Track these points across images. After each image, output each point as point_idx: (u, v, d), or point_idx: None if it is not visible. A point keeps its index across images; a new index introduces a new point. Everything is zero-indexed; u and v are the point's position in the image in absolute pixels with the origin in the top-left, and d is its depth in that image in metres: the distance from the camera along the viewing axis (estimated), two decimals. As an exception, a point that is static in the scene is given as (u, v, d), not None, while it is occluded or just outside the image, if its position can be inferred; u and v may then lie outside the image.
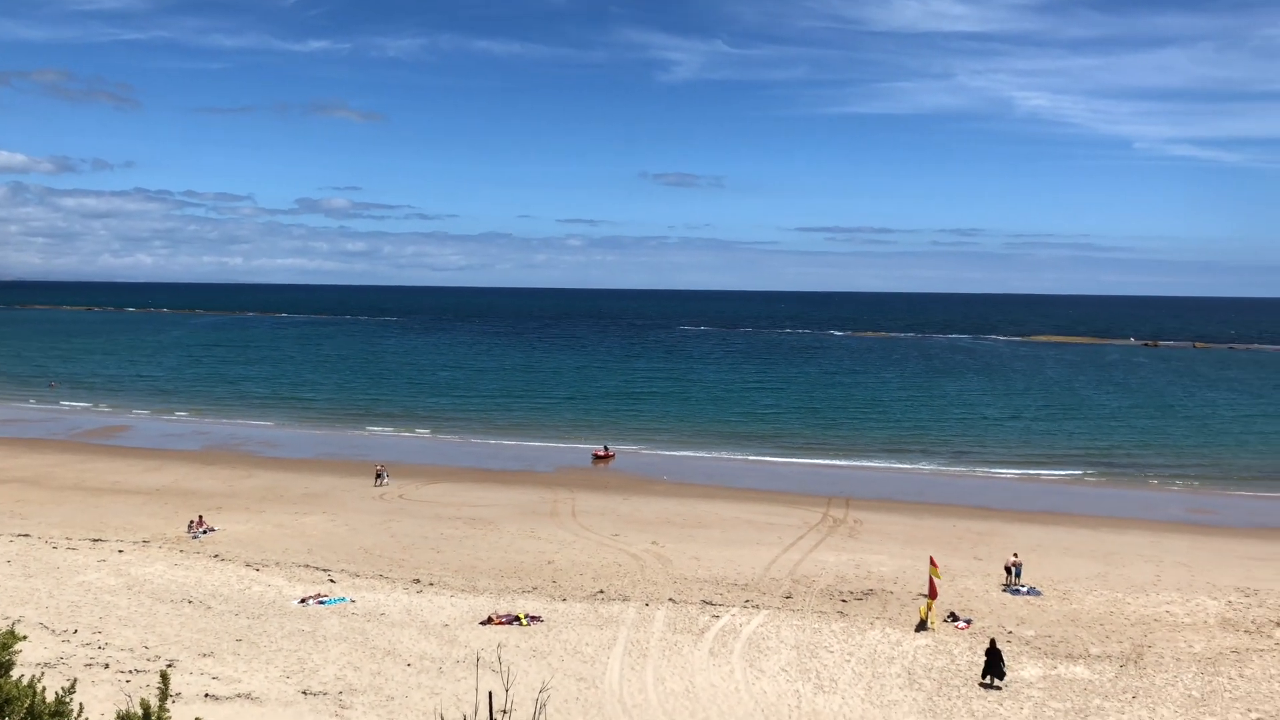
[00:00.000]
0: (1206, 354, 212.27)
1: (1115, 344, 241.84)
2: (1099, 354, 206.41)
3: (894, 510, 59.23)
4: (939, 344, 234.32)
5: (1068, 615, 38.46)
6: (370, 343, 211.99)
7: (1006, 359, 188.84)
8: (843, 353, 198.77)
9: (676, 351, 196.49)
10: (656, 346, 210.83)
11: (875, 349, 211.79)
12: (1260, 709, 29.08)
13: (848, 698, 29.66)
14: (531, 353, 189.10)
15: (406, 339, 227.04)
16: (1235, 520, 59.17)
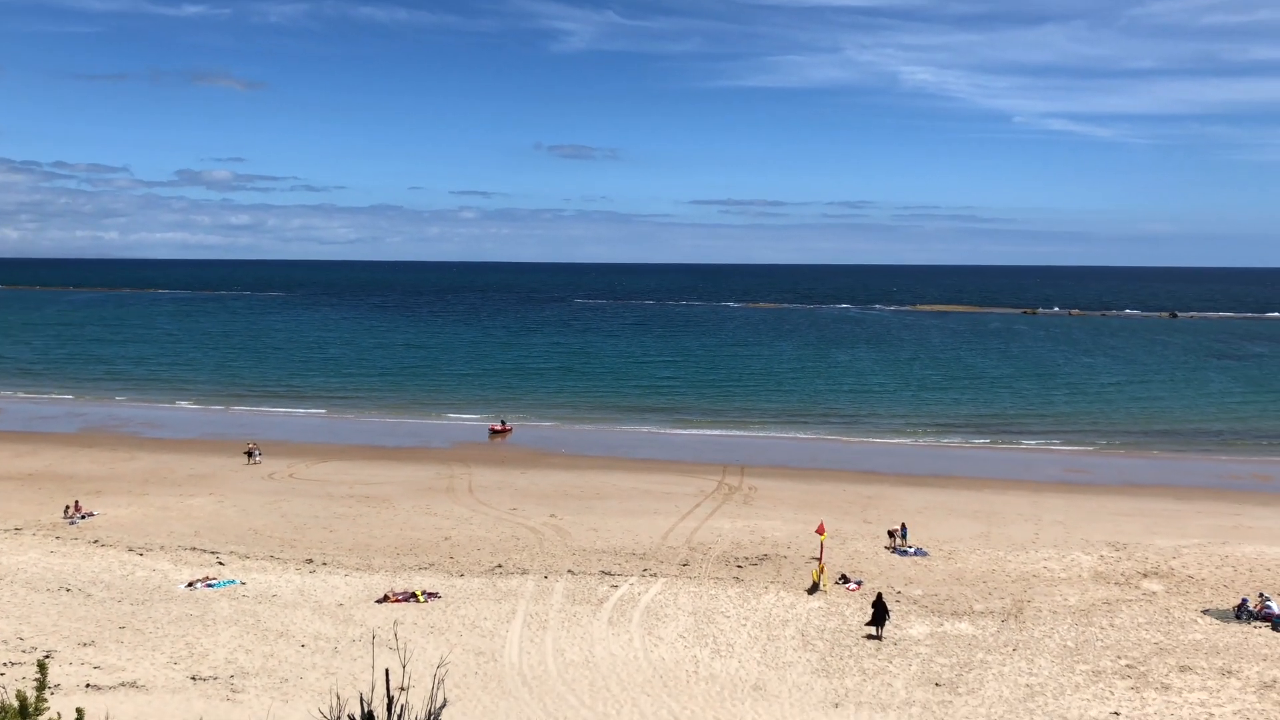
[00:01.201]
0: (1082, 321, 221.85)
1: (996, 312, 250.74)
2: (981, 322, 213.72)
3: (787, 477, 60.44)
4: (830, 314, 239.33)
5: (953, 574, 39.94)
6: (255, 319, 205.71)
7: (894, 328, 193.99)
8: (738, 324, 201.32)
9: (573, 325, 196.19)
10: (553, 320, 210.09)
11: (769, 320, 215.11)
12: (1128, 655, 30.75)
13: (744, 661, 30.27)
14: (425, 328, 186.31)
15: (294, 315, 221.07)
16: (1107, 479, 62.16)
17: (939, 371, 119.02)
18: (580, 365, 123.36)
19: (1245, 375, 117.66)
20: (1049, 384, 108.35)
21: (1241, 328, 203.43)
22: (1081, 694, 27.81)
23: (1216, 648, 31.58)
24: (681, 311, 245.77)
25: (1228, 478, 63.16)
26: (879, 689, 28.31)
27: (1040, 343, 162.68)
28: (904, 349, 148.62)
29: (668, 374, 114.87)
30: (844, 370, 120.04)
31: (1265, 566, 40.89)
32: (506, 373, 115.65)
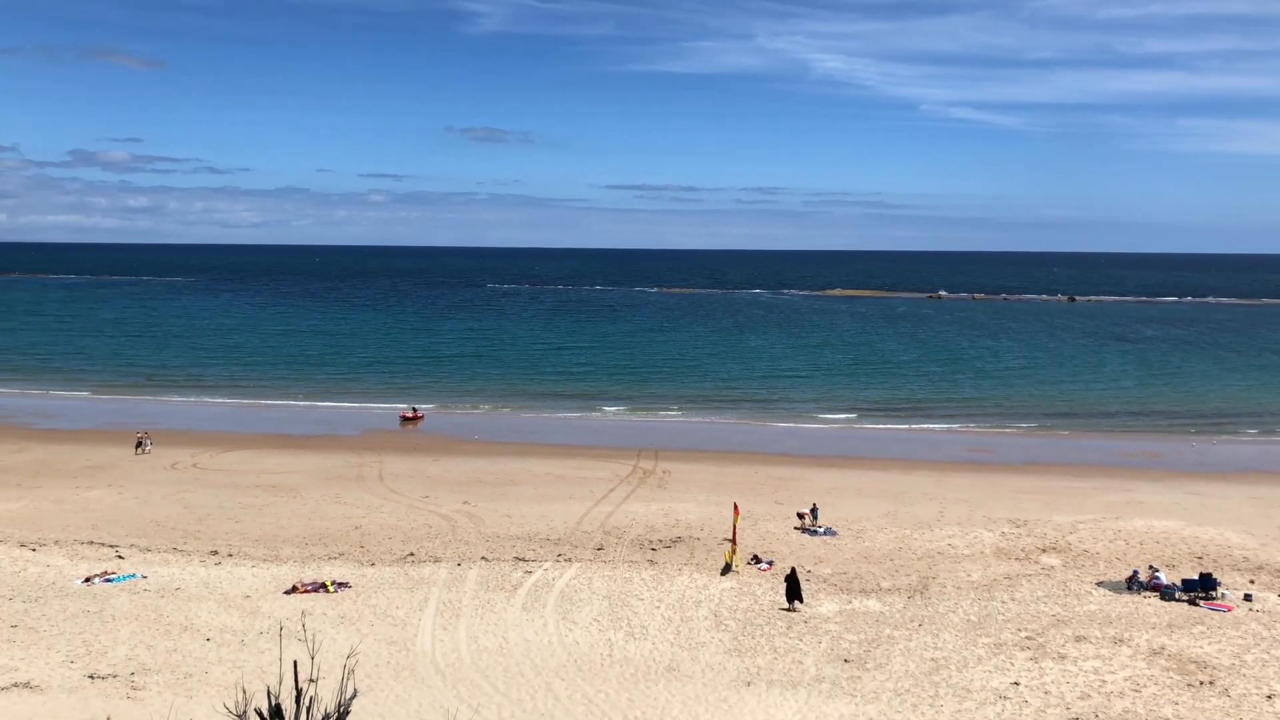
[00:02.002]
0: (985, 305, 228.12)
1: (904, 296, 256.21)
2: (889, 306, 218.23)
3: (701, 460, 60.95)
4: (743, 299, 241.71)
5: (861, 553, 40.78)
6: (154, 306, 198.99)
7: (804, 312, 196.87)
8: (653, 309, 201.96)
9: (487, 310, 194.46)
10: (466, 306, 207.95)
11: (684, 305, 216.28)
12: (1028, 627, 31.81)
13: (658, 643, 30.48)
14: (333, 313, 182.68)
15: (196, 301, 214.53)
16: (1009, 458, 64.09)
17: (849, 355, 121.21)
18: (494, 351, 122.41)
19: (1139, 357, 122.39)
20: (954, 367, 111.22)
21: (1136, 311, 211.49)
22: (984, 666, 28.67)
23: (1110, 618, 32.86)
24: (597, 297, 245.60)
25: (1122, 455, 65.67)
26: (790, 666, 28.78)
27: (946, 326, 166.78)
28: (815, 333, 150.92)
29: (583, 360, 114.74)
30: (757, 354, 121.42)
31: (1155, 540, 42.66)
32: (418, 359, 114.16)
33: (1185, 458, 64.93)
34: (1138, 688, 27.17)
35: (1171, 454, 66.29)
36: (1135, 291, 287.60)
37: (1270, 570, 38.54)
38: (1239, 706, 25.98)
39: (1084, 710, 25.74)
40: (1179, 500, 51.10)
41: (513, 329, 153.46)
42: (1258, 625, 32.09)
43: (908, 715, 25.49)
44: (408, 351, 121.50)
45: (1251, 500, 51.29)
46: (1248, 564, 39.32)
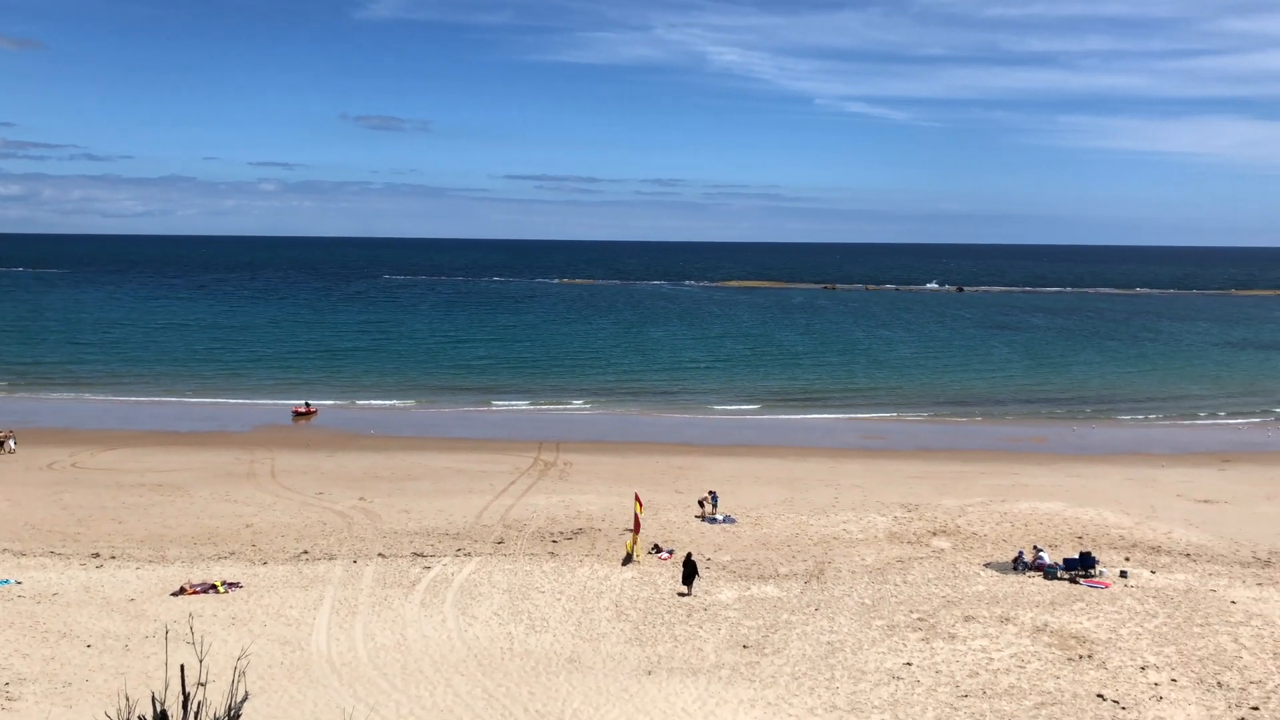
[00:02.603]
0: (878, 295, 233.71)
1: (800, 287, 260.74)
2: (786, 297, 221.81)
3: (602, 451, 61.00)
4: (644, 290, 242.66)
5: (759, 539, 41.37)
6: (27, 298, 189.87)
7: (704, 304, 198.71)
8: (554, 301, 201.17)
9: (383, 302, 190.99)
10: (361, 298, 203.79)
11: (585, 296, 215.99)
12: (920, 609, 32.72)
13: (559, 635, 30.40)
14: (221, 306, 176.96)
15: (73, 293, 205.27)
16: (902, 444, 65.83)
17: (748, 346, 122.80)
18: (390, 344, 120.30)
19: (1024, 345, 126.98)
20: (849, 357, 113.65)
21: (1022, 301, 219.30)
22: (878, 648, 29.38)
23: (996, 597, 34.02)
24: (496, 288, 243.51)
25: (1008, 440, 68.07)
26: (690, 654, 29.03)
27: (841, 317, 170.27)
28: (715, 324, 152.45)
29: (482, 352, 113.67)
30: (658, 346, 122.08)
31: (1039, 521, 44.32)
32: (311, 353, 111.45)
33: (1067, 441, 67.62)
34: (1022, 664, 28.19)
35: (1055, 438, 68.99)
36: (1021, 282, 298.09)
37: (1144, 548, 40.42)
38: (1115, 678, 27.17)
39: (973, 687, 26.59)
40: (1061, 482, 53.19)
41: (410, 321, 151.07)
42: (1132, 600, 33.61)
43: (805, 698, 25.96)
44: (300, 345, 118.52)
45: (1127, 481, 53.71)
46: (1124, 542, 41.15)
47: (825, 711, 25.18)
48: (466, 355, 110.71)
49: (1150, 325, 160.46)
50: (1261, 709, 25.21)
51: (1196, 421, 76.74)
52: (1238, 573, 37.01)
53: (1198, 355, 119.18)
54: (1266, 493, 51.02)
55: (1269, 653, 28.90)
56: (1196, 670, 27.66)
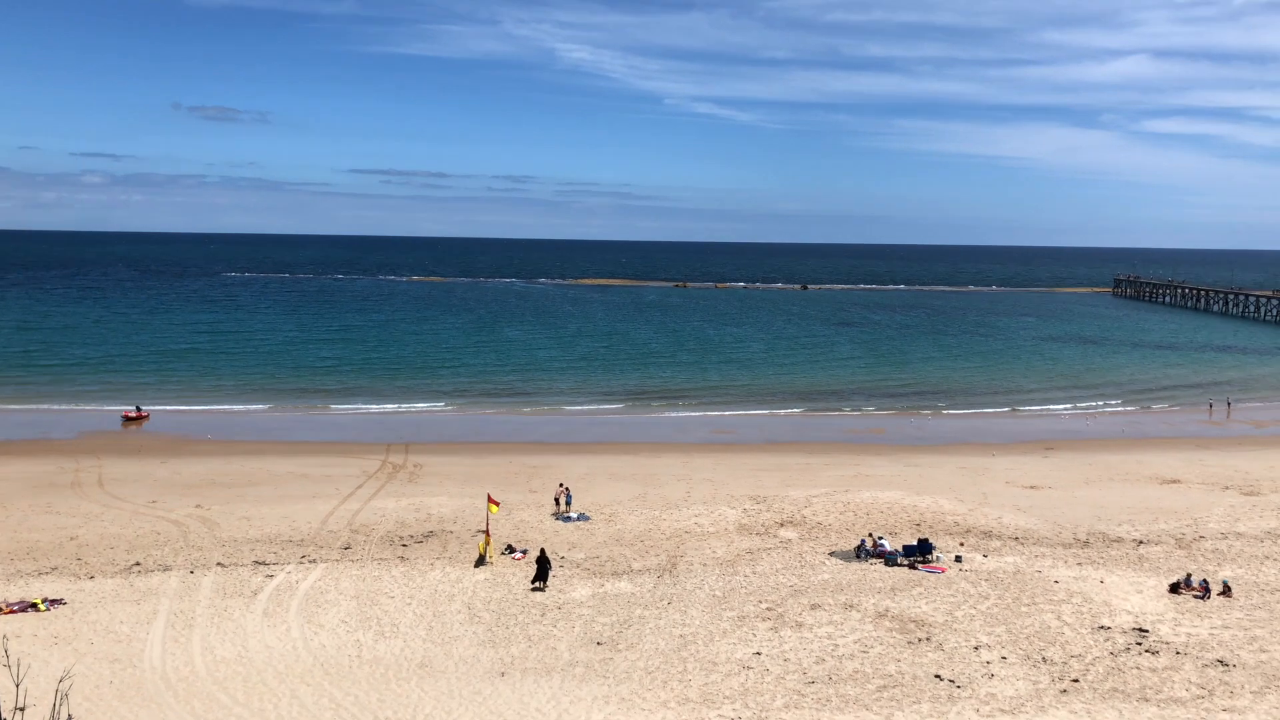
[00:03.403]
0: (728, 293, 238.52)
1: (653, 285, 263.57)
2: (639, 295, 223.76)
3: (454, 452, 60.11)
4: (496, 288, 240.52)
5: (613, 536, 41.55)
6: None
7: (558, 302, 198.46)
8: (403, 299, 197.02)
9: (220, 301, 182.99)
10: (197, 296, 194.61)
11: (435, 295, 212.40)
12: (768, 599, 33.50)
13: (409, 640, 29.77)
14: (42, 307, 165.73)
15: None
16: (750, 438, 67.30)
17: (602, 344, 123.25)
18: (229, 345, 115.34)
19: (866, 341, 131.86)
20: (701, 353, 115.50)
21: (863, 298, 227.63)
22: (729, 638, 29.92)
23: (841, 585, 35.16)
24: (341, 286, 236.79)
25: (850, 432, 70.52)
26: (544, 654, 28.89)
27: (693, 314, 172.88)
28: (569, 322, 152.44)
29: (327, 353, 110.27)
30: (512, 345, 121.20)
31: (880, 510, 46.03)
32: (142, 355, 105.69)
33: (906, 433, 70.53)
34: (866, 649, 29.21)
35: (894, 430, 71.85)
36: (862, 280, 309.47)
37: (977, 533, 42.50)
38: (951, 659, 28.47)
39: (819, 674, 27.38)
40: (900, 472, 55.42)
41: (250, 321, 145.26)
42: (966, 584, 35.30)
43: (658, 692, 26.19)
44: (130, 347, 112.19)
45: (961, 469, 56.39)
46: (958, 528, 43.18)
47: (678, 704, 25.48)
48: (310, 356, 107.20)
49: (981, 321, 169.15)
50: (1081, 681, 26.86)
51: (1023, 411, 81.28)
52: (1060, 554, 39.35)
53: (1024, 349, 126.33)
54: (1085, 477, 54.43)
55: (1088, 628, 30.83)
56: (1024, 648, 29.25)
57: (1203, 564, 37.75)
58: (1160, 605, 32.99)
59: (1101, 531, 42.77)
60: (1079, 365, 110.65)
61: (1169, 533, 42.63)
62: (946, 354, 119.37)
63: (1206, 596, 33.69)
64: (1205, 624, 31.20)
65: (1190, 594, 33.98)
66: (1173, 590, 34.32)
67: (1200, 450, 63.26)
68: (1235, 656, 28.49)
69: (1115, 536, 42.04)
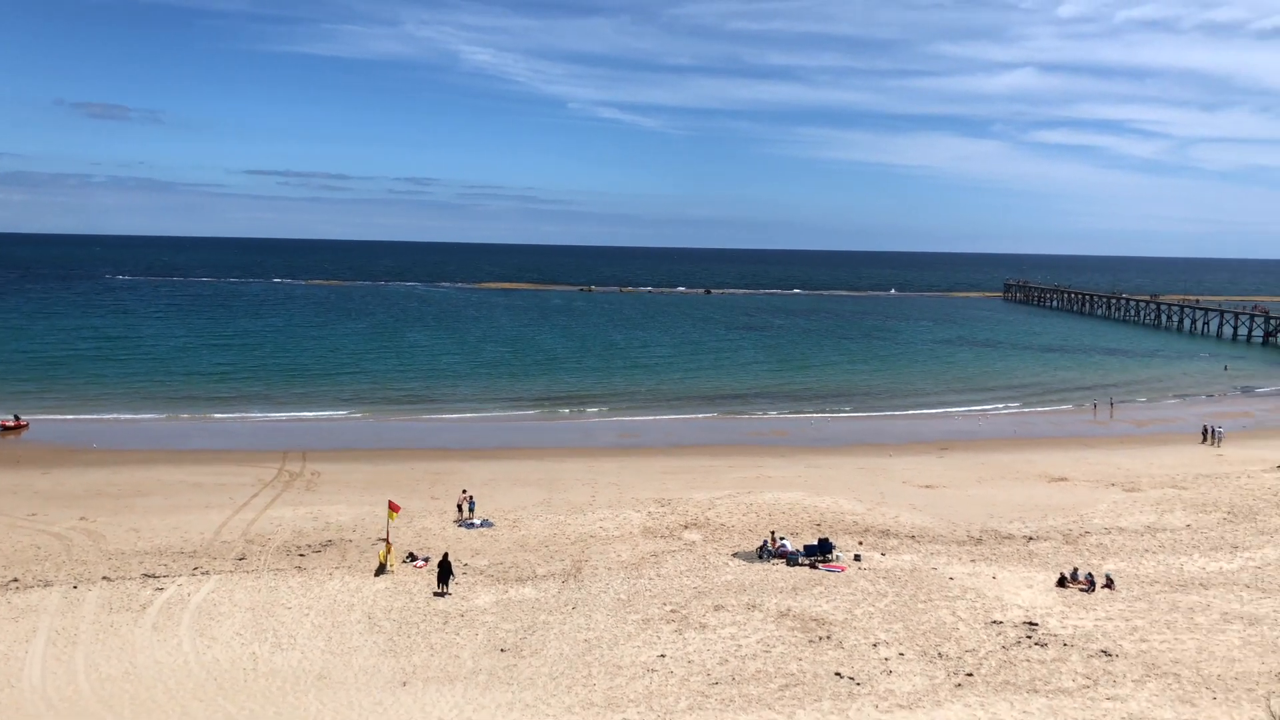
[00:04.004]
0: (634, 298, 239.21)
1: (558, 289, 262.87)
2: (544, 299, 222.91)
3: (354, 459, 58.94)
4: (398, 292, 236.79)
5: (517, 542, 41.24)
6: None
7: (461, 306, 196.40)
8: (301, 303, 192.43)
9: (107, 306, 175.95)
10: (81, 301, 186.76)
11: (334, 299, 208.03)
12: (672, 601, 33.65)
13: (307, 651, 29.05)
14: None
15: None
16: (655, 441, 67.55)
17: (508, 349, 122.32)
18: (116, 352, 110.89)
19: (769, 345, 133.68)
20: (607, 358, 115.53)
21: (766, 302, 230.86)
22: (633, 642, 29.96)
23: (744, 585, 35.53)
24: (236, 289, 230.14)
25: (754, 435, 71.37)
26: (447, 662, 28.50)
27: (599, 319, 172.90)
28: (473, 327, 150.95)
29: (222, 359, 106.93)
30: (415, 350, 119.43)
31: (781, 510, 46.67)
32: (20, 362, 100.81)
33: (807, 435, 71.68)
34: (768, 648, 29.56)
35: (796, 431, 72.97)
36: (764, 285, 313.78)
37: (875, 532, 43.42)
38: (851, 656, 29.01)
39: (722, 674, 27.60)
40: (801, 473, 56.30)
41: (139, 326, 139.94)
42: (865, 582, 36.03)
43: (562, 697, 26.07)
44: (7, 353, 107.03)
45: (859, 470, 57.56)
46: (857, 527, 44.05)
47: (583, 709, 25.40)
48: (203, 362, 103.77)
49: (880, 325, 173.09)
50: (975, 675, 27.64)
51: (920, 413, 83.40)
52: (955, 551, 40.46)
53: (922, 352, 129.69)
54: (978, 476, 56.11)
55: (981, 623, 31.76)
56: (921, 644, 29.97)
57: (1088, 558, 39.25)
58: (1049, 599, 34.18)
59: (993, 529, 44.12)
60: (973, 368, 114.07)
61: (1057, 529, 44.21)
62: (847, 357, 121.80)
63: (1091, 590, 35.03)
64: (1090, 616, 32.42)
65: (1076, 588, 35.28)
66: (1060, 584, 35.59)
67: (1086, 449, 65.79)
68: (1118, 647, 29.67)
69: (1006, 533, 43.43)
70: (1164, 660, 28.60)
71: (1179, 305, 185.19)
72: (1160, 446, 66.87)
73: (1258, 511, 47.34)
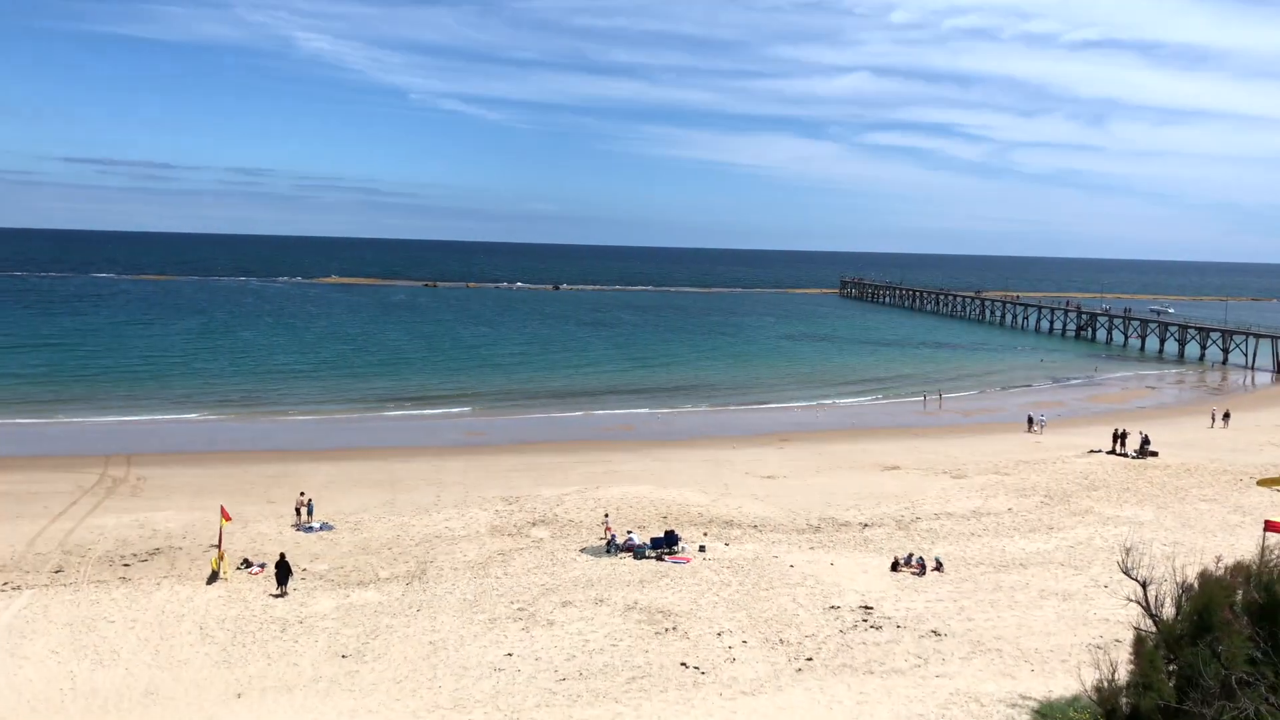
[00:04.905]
0: (479, 293, 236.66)
1: (401, 285, 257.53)
2: (386, 295, 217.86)
3: (183, 463, 56.20)
4: (229, 288, 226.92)
5: (359, 545, 40.16)
6: None
7: (299, 302, 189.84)
8: (125, 300, 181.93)
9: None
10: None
11: (161, 294, 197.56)
12: (520, 599, 33.44)
13: (132, 666, 27.49)
14: None
15: None
16: (502, 439, 67.02)
17: (348, 346, 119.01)
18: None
19: (617, 341, 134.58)
20: (452, 355, 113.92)
21: (614, 298, 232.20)
22: (480, 641, 29.61)
23: (591, 581, 35.63)
24: (53, 286, 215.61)
25: (602, 430, 71.72)
26: (284, 671, 27.48)
27: (445, 315, 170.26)
28: (312, 324, 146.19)
29: (37, 360, 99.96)
30: (249, 348, 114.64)
31: (629, 504, 47.02)
32: None
33: (654, 429, 72.52)
34: (615, 642, 29.73)
35: (643, 426, 73.72)
36: (611, 281, 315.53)
37: (719, 523, 44.29)
38: (696, 646, 29.50)
39: (570, 670, 27.60)
40: (648, 467, 56.91)
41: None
42: (710, 572, 36.70)
43: (407, 701, 25.53)
44: None
45: (705, 462, 58.61)
46: (702, 518, 44.83)
47: (428, 712, 24.94)
48: (15, 364, 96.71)
49: (725, 321, 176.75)
50: (815, 659, 28.54)
51: (763, 406, 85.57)
52: (795, 539, 41.69)
53: (765, 347, 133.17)
54: (816, 466, 57.98)
55: (820, 608, 32.82)
56: (763, 630, 30.74)
57: (919, 543, 41.11)
58: (883, 583, 35.62)
59: (831, 517, 45.68)
60: (812, 362, 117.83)
61: (890, 515, 46.13)
62: (693, 352, 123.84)
63: (922, 573, 36.69)
64: (921, 598, 33.96)
65: (909, 571, 36.90)
66: (894, 569, 37.15)
67: (917, 438, 68.91)
68: (947, 626, 31.19)
69: (843, 521, 45.03)
70: (988, 637, 30.22)
71: (1001, 301, 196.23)
72: (985, 435, 70.69)
73: (1070, 494, 50.63)
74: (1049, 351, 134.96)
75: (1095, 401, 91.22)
